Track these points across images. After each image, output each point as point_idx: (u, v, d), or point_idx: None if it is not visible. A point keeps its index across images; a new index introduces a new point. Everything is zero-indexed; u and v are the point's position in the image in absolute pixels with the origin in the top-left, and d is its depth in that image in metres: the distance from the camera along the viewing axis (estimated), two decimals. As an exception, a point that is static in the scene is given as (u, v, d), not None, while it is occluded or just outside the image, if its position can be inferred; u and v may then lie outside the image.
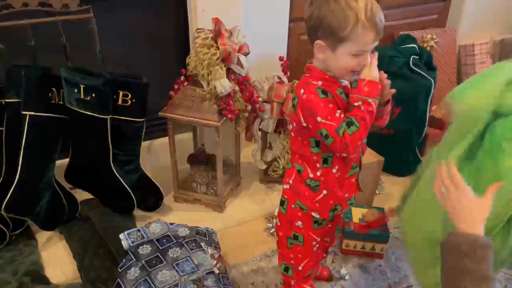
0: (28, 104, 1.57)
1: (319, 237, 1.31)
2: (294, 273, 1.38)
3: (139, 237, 1.53)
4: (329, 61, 1.07)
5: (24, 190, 1.61)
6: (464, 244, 0.92)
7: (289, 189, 1.25)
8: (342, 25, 0.99)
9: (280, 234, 1.34)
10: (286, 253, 1.36)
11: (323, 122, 1.05)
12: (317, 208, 1.22)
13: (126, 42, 1.97)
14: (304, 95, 1.08)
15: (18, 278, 1.58)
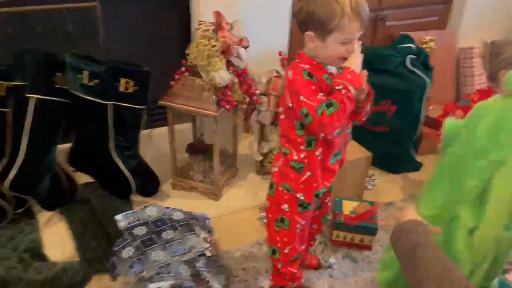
0: (33, 87, 1.63)
1: (304, 220, 1.37)
2: (281, 256, 1.44)
3: (135, 219, 1.60)
4: (319, 50, 1.15)
5: (27, 170, 1.68)
6: (406, 224, 1.02)
7: (277, 172, 1.32)
8: (330, 17, 1.07)
9: (269, 216, 1.41)
10: (273, 236, 1.42)
11: (305, 101, 1.13)
12: (301, 190, 1.28)
13: (130, 33, 2.03)
14: (291, 76, 1.17)
15: (18, 254, 1.65)
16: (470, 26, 2.84)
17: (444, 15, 2.84)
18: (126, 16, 1.99)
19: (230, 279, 1.64)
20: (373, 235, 1.80)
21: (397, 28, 2.62)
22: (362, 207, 1.83)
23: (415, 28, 2.69)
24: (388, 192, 2.19)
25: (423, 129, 2.29)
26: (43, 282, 1.55)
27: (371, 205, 1.84)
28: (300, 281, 1.57)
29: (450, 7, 2.83)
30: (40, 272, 1.59)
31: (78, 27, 1.71)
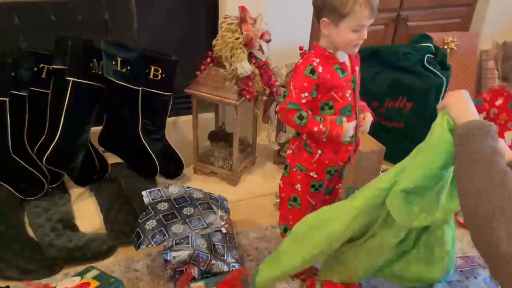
0: (72, 71, 1.77)
1: (315, 201, 1.47)
2: None
3: (159, 196, 1.72)
4: (333, 36, 1.26)
5: (63, 146, 1.82)
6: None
7: (291, 154, 1.43)
8: (343, 3, 1.18)
9: (283, 196, 1.51)
10: (286, 214, 1.53)
11: (291, 88, 1.28)
12: (314, 169, 1.39)
13: (161, 24, 2.16)
14: (299, 63, 1.30)
15: (51, 223, 1.80)
16: (493, 29, 2.87)
17: (467, 17, 2.88)
18: (159, 9, 2.12)
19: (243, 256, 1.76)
20: (382, 224, 1.88)
21: (419, 28, 2.67)
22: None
23: (437, 29, 2.74)
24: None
25: (438, 127, 2.34)
26: (72, 249, 1.68)
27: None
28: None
29: (473, 10, 2.86)
30: (70, 240, 1.73)
31: (113, 17, 1.84)
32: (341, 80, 1.29)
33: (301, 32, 2.35)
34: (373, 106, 2.28)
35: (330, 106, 1.33)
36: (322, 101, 1.32)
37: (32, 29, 1.87)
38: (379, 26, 2.59)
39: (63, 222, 1.82)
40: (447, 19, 2.80)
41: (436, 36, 2.66)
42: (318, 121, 1.30)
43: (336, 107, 1.33)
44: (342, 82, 1.30)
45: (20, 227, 1.79)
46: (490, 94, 1.90)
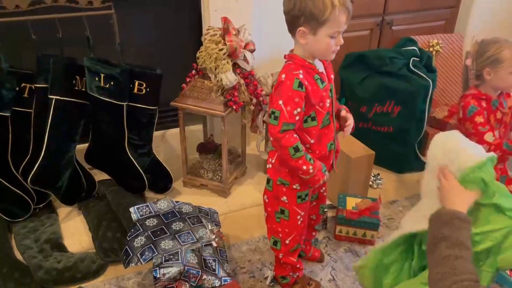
0: (54, 89, 1.75)
1: (303, 211, 1.44)
2: (282, 247, 1.52)
3: (147, 211, 1.70)
4: (311, 45, 1.24)
5: (48, 165, 1.80)
6: (445, 215, 1.06)
7: (271, 168, 1.40)
8: (321, 10, 1.16)
9: (269, 210, 1.48)
10: (274, 227, 1.50)
11: (281, 106, 1.23)
12: (297, 181, 1.36)
13: (145, 38, 2.15)
14: (283, 79, 1.24)
15: (39, 245, 1.77)
16: (477, 30, 2.88)
17: (451, 19, 2.90)
18: (141, 23, 2.12)
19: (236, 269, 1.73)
20: (375, 230, 1.86)
21: (404, 32, 2.68)
22: (364, 203, 1.89)
23: (422, 32, 2.75)
24: (392, 191, 2.25)
25: (428, 130, 2.34)
26: (61, 270, 1.66)
27: (373, 201, 1.90)
28: (301, 272, 1.64)
29: (456, 11, 2.88)
30: (59, 261, 1.70)
31: (95, 33, 1.83)
32: (321, 91, 1.27)
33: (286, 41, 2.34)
34: (361, 111, 2.29)
35: (312, 117, 1.30)
36: (306, 114, 1.28)
37: (13, 49, 1.85)
38: (364, 31, 2.60)
39: (51, 242, 1.79)
40: (431, 22, 2.82)
41: (421, 39, 2.67)
42: (308, 161, 1.27)
43: (318, 118, 1.30)
44: (322, 92, 1.28)
45: (7, 250, 1.76)
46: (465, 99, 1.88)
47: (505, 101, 1.89)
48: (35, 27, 1.73)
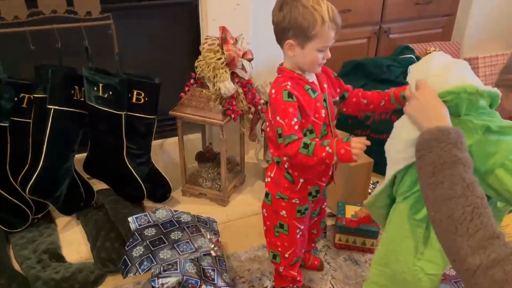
0: (53, 99, 1.76)
1: (303, 225, 1.43)
2: (282, 260, 1.50)
3: (146, 221, 1.69)
4: (298, 58, 1.22)
5: (46, 175, 1.80)
6: (453, 133, 0.88)
7: (270, 182, 1.39)
8: (311, 24, 1.14)
9: (268, 224, 1.47)
10: (273, 241, 1.48)
11: (280, 122, 1.20)
12: (296, 196, 1.35)
13: (143, 47, 2.17)
14: (273, 95, 1.24)
15: (38, 255, 1.76)
16: (474, 37, 2.91)
17: (448, 27, 2.92)
18: (139, 33, 2.13)
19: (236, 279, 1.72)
20: (375, 238, 1.86)
21: (401, 40, 2.70)
22: (363, 211, 1.88)
23: (419, 40, 2.77)
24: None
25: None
26: (59, 281, 1.65)
27: (372, 209, 1.90)
28: (301, 283, 1.63)
29: (453, 19, 2.90)
30: (57, 271, 1.69)
31: (94, 43, 1.84)
32: (313, 101, 1.25)
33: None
34: (360, 119, 2.29)
35: (310, 130, 1.27)
36: (305, 127, 1.26)
37: (12, 59, 1.86)
38: (362, 39, 2.62)
39: (49, 253, 1.78)
40: (428, 30, 2.83)
41: (418, 47, 2.68)
42: (322, 145, 1.18)
43: (316, 130, 1.28)
44: (316, 103, 1.26)
45: (5, 261, 1.75)
46: None
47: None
48: (34, 38, 1.74)
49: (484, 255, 0.74)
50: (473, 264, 0.75)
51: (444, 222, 0.82)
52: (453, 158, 0.84)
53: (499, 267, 0.73)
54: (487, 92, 1.00)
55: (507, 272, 0.71)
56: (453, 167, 0.83)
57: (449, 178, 0.83)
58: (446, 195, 0.82)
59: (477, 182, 0.84)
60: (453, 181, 0.82)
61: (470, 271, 0.75)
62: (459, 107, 0.99)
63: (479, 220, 0.78)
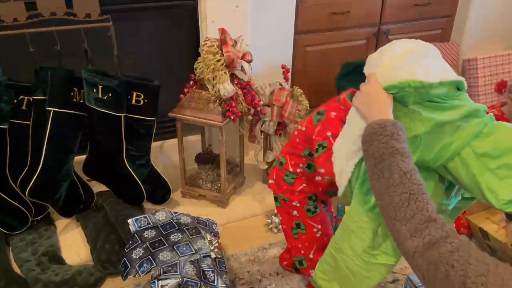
0: (52, 101, 1.76)
1: (319, 224, 1.41)
2: (308, 262, 1.47)
3: (145, 223, 1.69)
4: None
5: (46, 177, 1.80)
6: (389, 126, 0.93)
7: (273, 184, 1.39)
8: None
9: (285, 228, 1.46)
10: (294, 245, 1.46)
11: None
12: (296, 198, 1.35)
13: (143, 49, 2.17)
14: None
15: (37, 257, 1.76)
16: (473, 38, 2.91)
17: (447, 28, 2.92)
18: (139, 35, 2.13)
19: (235, 281, 1.72)
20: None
21: (400, 41, 2.71)
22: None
23: (418, 41, 2.77)
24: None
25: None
26: (59, 283, 1.64)
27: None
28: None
29: (452, 20, 2.90)
30: (57, 274, 1.69)
31: (93, 45, 1.84)
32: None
33: (283, 51, 2.37)
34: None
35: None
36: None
37: (11, 61, 1.86)
38: (360, 41, 2.62)
39: (49, 255, 1.78)
40: (427, 31, 2.84)
41: (417, 48, 2.68)
42: None
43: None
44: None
45: (5, 263, 1.74)
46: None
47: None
48: (33, 40, 1.74)
49: (420, 238, 0.78)
50: (412, 247, 0.79)
51: (386, 209, 0.86)
52: (390, 149, 0.89)
53: (434, 249, 0.76)
54: (437, 83, 0.99)
55: (441, 253, 0.75)
56: (391, 158, 0.88)
57: (388, 168, 0.88)
58: (386, 184, 0.87)
59: (415, 170, 0.88)
60: (391, 170, 0.87)
61: (410, 254, 0.79)
62: (405, 99, 1.00)
63: (415, 205, 0.82)
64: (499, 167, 0.94)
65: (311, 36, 2.43)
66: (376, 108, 0.98)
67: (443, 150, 1.00)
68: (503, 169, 0.94)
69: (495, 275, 0.69)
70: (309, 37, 2.44)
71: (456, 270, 0.72)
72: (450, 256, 0.74)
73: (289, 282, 1.73)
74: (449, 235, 0.77)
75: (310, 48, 2.47)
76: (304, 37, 2.41)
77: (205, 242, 1.64)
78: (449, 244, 0.75)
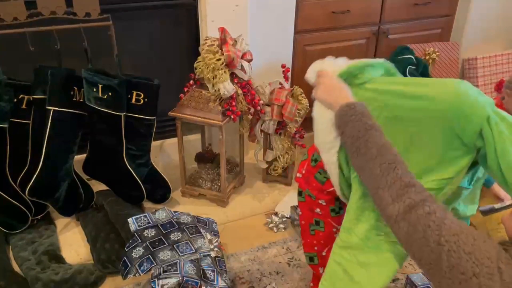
0: (52, 100, 1.76)
1: (339, 224, 1.37)
2: (320, 260, 1.46)
3: (145, 222, 1.69)
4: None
5: (46, 176, 1.80)
6: (358, 106, 0.99)
7: (301, 178, 1.37)
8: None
9: (303, 223, 1.44)
10: (309, 241, 1.44)
11: None
12: (324, 197, 1.33)
13: (143, 48, 2.17)
14: None
15: (37, 256, 1.76)
16: (473, 38, 2.91)
17: (447, 28, 2.91)
18: (139, 34, 2.13)
19: (235, 280, 1.72)
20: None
21: (400, 41, 2.70)
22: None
23: (418, 40, 2.76)
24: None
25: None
26: (59, 282, 1.65)
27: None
28: None
29: (452, 20, 2.90)
30: (57, 273, 1.69)
31: (94, 45, 1.84)
32: None
33: (283, 50, 2.37)
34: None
35: None
36: None
37: (11, 60, 1.85)
38: (360, 40, 2.62)
39: (49, 254, 1.78)
40: (427, 30, 2.83)
41: (417, 48, 2.68)
42: None
43: None
44: None
45: (5, 262, 1.75)
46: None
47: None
48: (33, 39, 1.74)
49: (401, 202, 0.84)
50: (394, 211, 0.84)
51: (368, 181, 0.93)
52: (365, 126, 0.96)
53: (413, 211, 0.81)
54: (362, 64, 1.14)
55: (419, 215, 0.80)
56: (367, 134, 0.94)
57: (365, 144, 0.94)
58: (366, 159, 0.93)
59: (389, 143, 0.94)
60: (368, 145, 0.93)
61: (392, 218, 0.85)
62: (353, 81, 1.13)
63: (394, 172, 0.88)
64: None
65: (311, 35, 2.43)
66: (338, 93, 1.05)
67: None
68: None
69: (467, 234, 0.75)
70: (309, 36, 2.44)
71: (432, 229, 0.77)
72: (427, 217, 0.79)
73: (289, 281, 1.73)
74: (427, 199, 0.83)
75: (310, 47, 2.46)
76: (304, 36, 2.41)
77: (205, 241, 1.64)
78: (427, 206, 0.81)
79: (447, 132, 1.00)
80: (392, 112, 1.07)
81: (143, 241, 1.61)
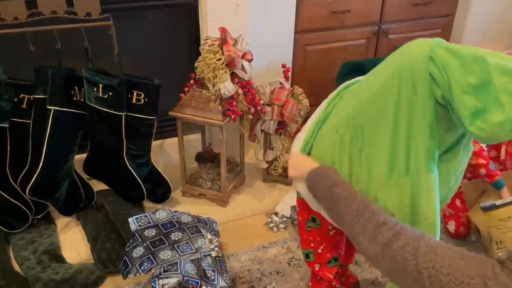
0: (53, 100, 1.76)
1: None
2: (316, 256, 1.45)
3: (146, 221, 1.69)
4: None
5: (46, 176, 1.80)
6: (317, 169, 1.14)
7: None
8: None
9: (300, 219, 1.44)
10: (306, 237, 1.44)
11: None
12: None
13: (143, 48, 2.17)
14: None
15: (37, 256, 1.76)
16: (473, 38, 2.91)
17: (447, 28, 2.92)
18: (139, 34, 2.13)
19: (236, 279, 1.72)
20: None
21: (400, 41, 2.67)
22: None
23: (418, 40, 2.77)
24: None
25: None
26: (59, 281, 1.65)
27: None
28: None
29: (452, 20, 2.90)
30: (57, 272, 1.69)
31: (94, 44, 1.84)
32: None
33: (284, 50, 2.37)
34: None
35: None
36: None
37: (12, 60, 1.86)
38: (361, 40, 2.62)
39: (49, 253, 1.78)
40: (428, 30, 2.83)
41: (417, 48, 2.68)
42: None
43: None
44: None
45: (5, 262, 1.75)
46: None
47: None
48: (34, 39, 1.74)
49: (377, 243, 0.90)
50: (374, 252, 0.91)
51: (345, 229, 1.01)
52: (328, 185, 1.07)
53: (390, 248, 0.88)
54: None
55: (395, 250, 0.86)
56: (331, 191, 1.06)
57: (331, 200, 1.06)
58: (338, 212, 1.03)
59: (355, 192, 1.03)
60: (334, 201, 1.04)
61: (374, 258, 0.92)
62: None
63: (363, 218, 0.95)
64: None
65: (311, 35, 2.43)
66: (303, 166, 1.20)
67: None
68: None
69: (442, 257, 0.80)
70: (310, 36, 2.44)
71: (409, 260, 0.83)
72: (402, 250, 0.85)
73: (289, 281, 1.74)
74: (399, 232, 0.88)
75: (310, 47, 2.47)
76: (304, 36, 2.41)
77: (206, 241, 1.64)
78: (400, 240, 0.86)
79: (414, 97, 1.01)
80: (373, 128, 1.10)
81: (144, 241, 1.61)
